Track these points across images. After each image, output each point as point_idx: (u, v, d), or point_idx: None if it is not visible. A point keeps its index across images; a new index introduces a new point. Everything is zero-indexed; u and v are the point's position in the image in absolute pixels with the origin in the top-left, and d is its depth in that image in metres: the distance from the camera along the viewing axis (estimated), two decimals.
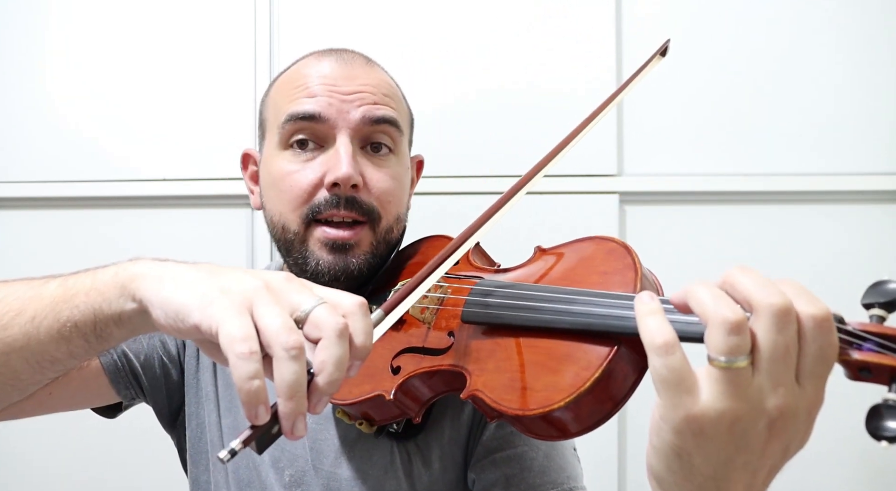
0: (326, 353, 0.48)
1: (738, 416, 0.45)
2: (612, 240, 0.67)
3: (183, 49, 1.64)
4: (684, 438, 0.46)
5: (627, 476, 1.57)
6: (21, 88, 1.65)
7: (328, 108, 0.83)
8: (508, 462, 0.81)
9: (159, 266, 0.56)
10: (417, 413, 0.74)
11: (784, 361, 0.45)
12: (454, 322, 0.72)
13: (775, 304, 0.44)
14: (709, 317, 0.45)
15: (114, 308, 0.56)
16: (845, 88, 1.58)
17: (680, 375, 0.45)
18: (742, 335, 0.44)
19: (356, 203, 0.83)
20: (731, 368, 0.44)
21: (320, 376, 0.48)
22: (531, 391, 0.59)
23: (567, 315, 0.59)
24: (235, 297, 0.50)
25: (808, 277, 1.63)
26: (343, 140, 0.83)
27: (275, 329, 0.47)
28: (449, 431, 0.84)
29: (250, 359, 0.46)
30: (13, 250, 1.65)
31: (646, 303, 0.49)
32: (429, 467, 0.83)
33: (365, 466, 0.83)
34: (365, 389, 0.74)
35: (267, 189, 0.88)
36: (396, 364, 0.74)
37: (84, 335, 0.58)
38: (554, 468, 0.81)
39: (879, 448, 0.44)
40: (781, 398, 0.45)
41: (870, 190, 1.57)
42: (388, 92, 0.88)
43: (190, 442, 0.92)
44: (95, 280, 0.58)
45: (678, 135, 1.59)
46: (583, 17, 1.59)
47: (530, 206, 1.58)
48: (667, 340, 0.46)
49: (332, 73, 0.85)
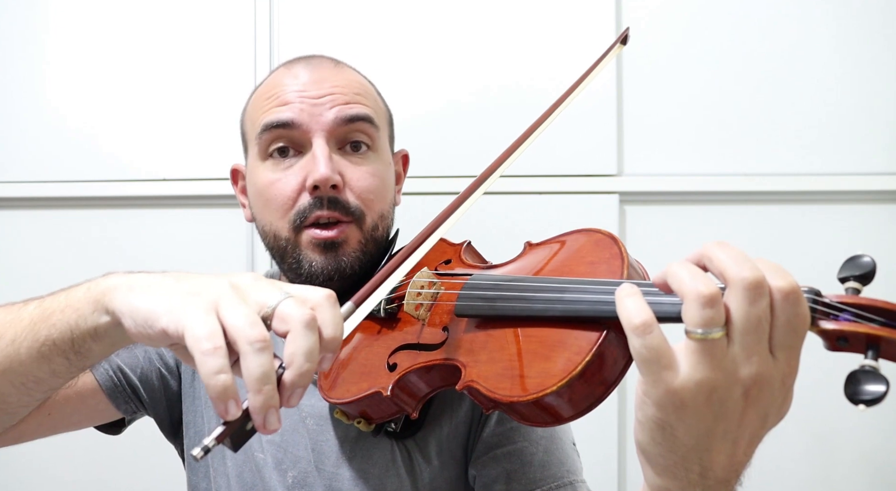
0: (295, 344, 0.49)
1: (715, 385, 0.47)
2: (599, 231, 0.69)
3: (183, 49, 1.64)
4: (666, 412, 0.48)
5: (627, 476, 1.57)
6: (21, 88, 1.65)
7: (300, 113, 0.84)
8: (509, 457, 0.82)
9: (129, 277, 0.57)
10: (415, 409, 0.75)
11: (756, 331, 0.46)
12: (448, 317, 0.73)
13: (748, 277, 0.46)
14: (685, 292, 0.47)
15: (89, 323, 0.57)
16: (845, 88, 1.58)
17: (658, 352, 0.47)
18: (716, 308, 0.46)
19: (338, 203, 0.84)
20: (707, 340, 0.46)
21: (290, 368, 0.49)
22: (525, 378, 0.60)
23: (557, 303, 0.61)
24: (201, 299, 0.51)
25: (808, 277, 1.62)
26: (319, 143, 0.84)
27: (240, 325, 0.48)
28: (447, 428, 0.85)
29: (215, 354, 0.47)
30: (13, 250, 1.65)
31: (624, 287, 0.51)
32: (429, 463, 0.84)
33: (366, 465, 0.84)
34: (362, 386, 0.75)
35: (254, 200, 0.89)
36: (392, 361, 0.75)
37: (63, 353, 0.59)
38: (554, 463, 0.82)
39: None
40: (755, 367, 0.47)
41: (870, 190, 1.57)
42: (359, 90, 0.89)
43: (188, 450, 0.92)
44: (69, 297, 0.59)
45: (678, 135, 1.60)
46: (582, 17, 1.59)
47: (530, 206, 1.58)
48: (644, 320, 0.48)
49: (300, 79, 0.87)
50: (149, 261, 1.63)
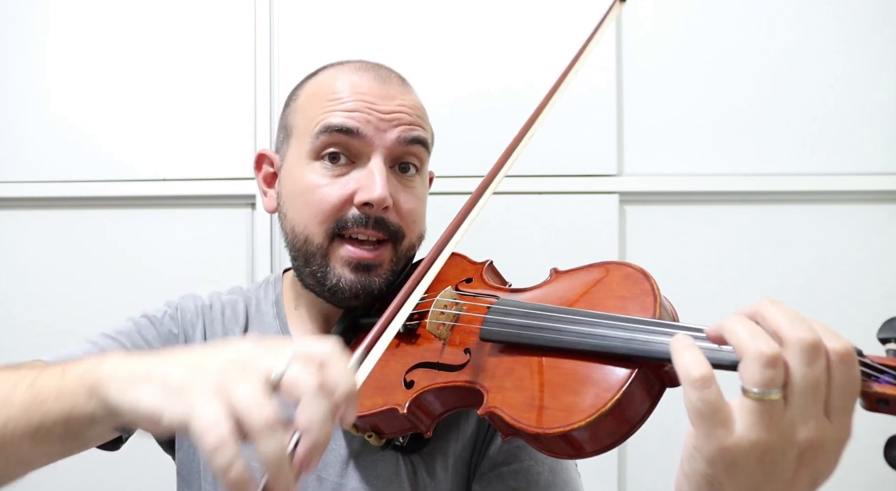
0: (309, 412, 0.48)
1: (770, 447, 0.46)
2: (630, 265, 0.68)
3: (183, 49, 1.64)
4: (716, 468, 0.48)
5: (627, 481, 1.57)
6: (21, 88, 1.65)
7: (366, 125, 0.82)
8: (515, 476, 0.81)
9: (123, 365, 0.55)
10: (429, 428, 0.75)
11: (814, 394, 0.46)
12: (470, 339, 0.72)
13: (806, 338, 0.46)
14: (745, 350, 0.46)
15: (85, 412, 0.56)
16: (844, 88, 1.58)
17: (715, 407, 0.47)
18: (777, 369, 0.46)
19: (384, 224, 0.83)
20: (765, 400, 0.46)
21: (307, 436, 0.48)
22: (551, 410, 0.60)
23: (590, 337, 0.60)
24: (202, 382, 0.49)
25: (808, 277, 1.64)
26: (377, 161, 0.82)
27: (247, 404, 0.47)
28: (454, 444, 0.85)
29: (223, 449, 0.45)
30: (13, 250, 1.65)
31: (681, 339, 0.50)
32: (433, 479, 0.83)
33: (370, 476, 0.83)
34: (377, 402, 0.74)
35: (291, 198, 0.86)
36: (410, 378, 0.74)
37: (59, 438, 0.58)
38: (559, 483, 0.82)
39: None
40: (812, 431, 0.47)
41: (870, 190, 1.57)
42: (420, 113, 0.88)
43: (181, 463, 0.91)
44: (64, 381, 0.57)
45: (678, 135, 1.60)
46: (582, 17, 1.59)
47: (530, 206, 1.58)
48: (703, 374, 0.47)
49: (370, 90, 0.84)
50: (149, 261, 1.63)
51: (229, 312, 0.94)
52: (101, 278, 1.63)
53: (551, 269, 0.76)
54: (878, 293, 1.54)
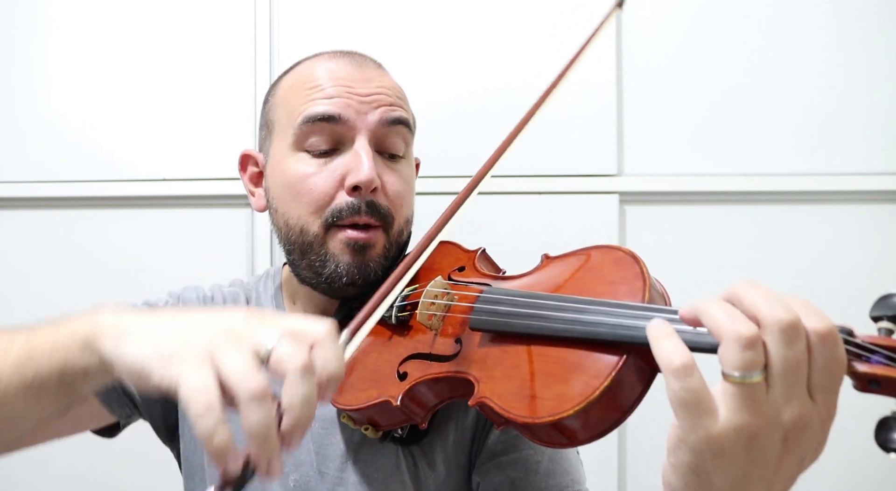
0: (292, 390, 0.47)
1: (755, 431, 0.45)
2: (620, 249, 0.67)
3: (183, 49, 1.64)
4: (703, 458, 0.47)
5: (627, 476, 1.57)
6: (21, 88, 1.65)
7: (347, 108, 0.82)
8: (514, 465, 0.81)
9: (119, 318, 0.55)
10: (423, 419, 0.74)
11: (796, 374, 0.45)
12: (461, 329, 0.72)
13: (784, 319, 0.45)
14: (722, 333, 0.45)
15: (79, 364, 0.56)
16: (844, 88, 1.58)
17: (698, 395, 0.46)
18: (756, 350, 0.44)
19: (375, 207, 0.82)
20: (746, 384, 0.45)
21: (287, 415, 0.48)
22: (540, 399, 0.59)
23: (577, 324, 0.60)
24: (194, 348, 0.49)
25: (808, 277, 1.64)
26: (362, 142, 0.82)
27: (237, 374, 0.47)
28: (453, 435, 0.84)
29: (209, 414, 0.46)
30: (13, 250, 1.65)
31: (658, 326, 0.49)
32: (434, 470, 0.83)
33: (370, 470, 0.83)
34: (371, 394, 0.74)
35: (280, 192, 0.86)
36: (403, 370, 0.74)
37: (53, 392, 0.58)
38: (559, 471, 0.81)
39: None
40: (796, 411, 0.46)
41: (870, 190, 1.57)
42: (400, 95, 0.88)
43: (183, 456, 0.91)
44: (57, 336, 0.57)
45: (678, 135, 1.60)
46: (582, 17, 1.59)
47: (530, 206, 1.58)
48: (684, 362, 0.46)
49: (347, 75, 0.84)
50: (149, 261, 1.63)
51: (231, 304, 0.95)
52: (101, 278, 1.63)
53: (542, 254, 0.76)
54: (878, 293, 1.53)
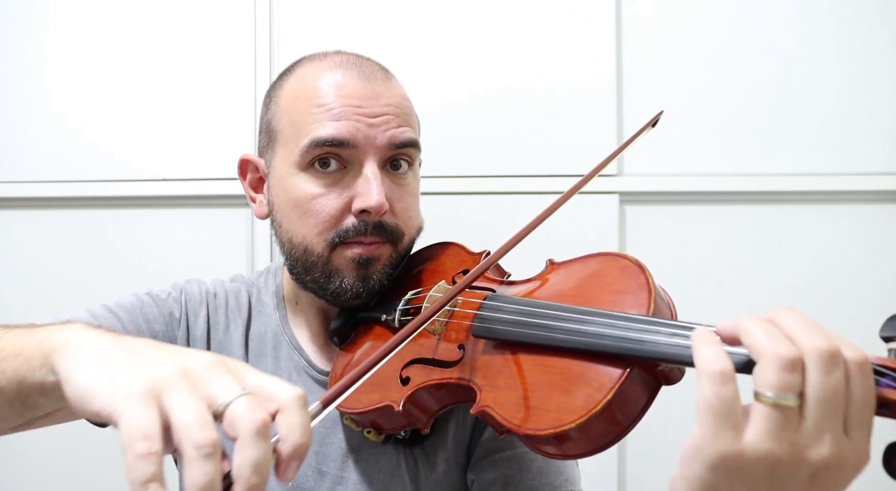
0: (242, 455, 0.42)
1: (780, 461, 0.44)
2: (626, 257, 0.66)
3: (183, 49, 1.64)
4: (717, 475, 0.45)
5: (627, 480, 1.57)
6: (21, 88, 1.65)
7: (356, 133, 0.80)
8: (507, 463, 0.81)
9: (84, 337, 0.52)
10: (426, 424, 0.74)
11: (832, 405, 0.44)
12: (464, 335, 0.71)
13: (823, 346, 0.44)
14: (762, 351, 0.44)
15: (37, 378, 0.53)
16: (845, 88, 1.58)
17: (729, 406, 0.44)
18: (795, 373, 0.43)
19: (382, 227, 0.82)
20: (779, 406, 0.43)
21: (238, 483, 0.42)
22: (542, 411, 0.59)
23: (580, 335, 0.59)
24: (144, 384, 0.44)
25: (808, 277, 1.64)
26: (371, 167, 0.80)
27: (185, 424, 0.42)
28: (453, 435, 0.85)
29: (147, 460, 0.41)
30: (13, 250, 1.65)
31: (703, 334, 0.48)
32: (433, 470, 0.84)
33: (370, 470, 0.83)
34: (374, 398, 0.74)
35: (285, 209, 0.84)
36: (406, 375, 0.73)
37: (9, 402, 0.56)
38: (553, 470, 0.81)
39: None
40: (827, 447, 0.44)
41: (870, 190, 1.57)
42: (407, 110, 0.86)
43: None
44: (26, 343, 0.55)
45: (678, 135, 1.59)
46: (583, 17, 1.59)
47: (531, 206, 1.58)
48: (723, 369, 0.44)
49: (354, 91, 0.82)
50: (149, 261, 1.63)
51: (233, 301, 0.94)
52: (101, 278, 1.63)
53: (547, 260, 0.75)
54: (878, 293, 1.54)
